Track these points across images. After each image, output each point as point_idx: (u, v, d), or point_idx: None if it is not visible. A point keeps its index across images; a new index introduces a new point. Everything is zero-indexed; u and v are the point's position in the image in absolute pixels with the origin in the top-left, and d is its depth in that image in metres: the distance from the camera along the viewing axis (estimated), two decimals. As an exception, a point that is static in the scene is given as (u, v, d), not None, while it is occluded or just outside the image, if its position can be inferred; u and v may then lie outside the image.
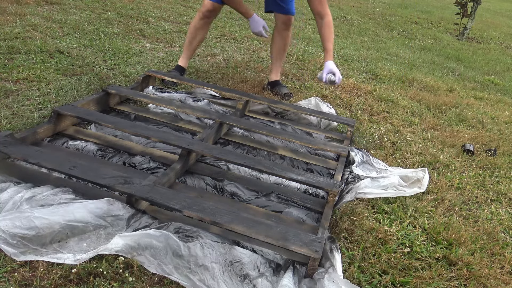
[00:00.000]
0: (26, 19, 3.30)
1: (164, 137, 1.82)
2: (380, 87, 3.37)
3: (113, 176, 1.46)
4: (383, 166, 2.08)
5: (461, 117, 3.07)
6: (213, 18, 2.73)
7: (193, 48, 2.81)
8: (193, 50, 2.83)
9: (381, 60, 4.35)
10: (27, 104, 2.08)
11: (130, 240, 1.24)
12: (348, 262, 1.43)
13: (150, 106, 2.33)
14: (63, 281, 1.16)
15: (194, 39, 2.76)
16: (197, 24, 2.71)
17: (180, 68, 2.80)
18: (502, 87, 4.21)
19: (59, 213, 1.26)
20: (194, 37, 2.76)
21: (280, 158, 2.05)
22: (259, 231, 1.31)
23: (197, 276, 1.21)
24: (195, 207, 1.38)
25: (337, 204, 1.70)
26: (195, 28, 2.73)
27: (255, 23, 2.59)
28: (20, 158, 1.49)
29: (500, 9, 12.17)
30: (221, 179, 1.74)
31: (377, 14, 7.40)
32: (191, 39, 2.76)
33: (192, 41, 2.77)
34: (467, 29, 6.59)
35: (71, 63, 2.69)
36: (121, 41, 3.33)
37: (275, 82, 2.90)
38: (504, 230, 1.80)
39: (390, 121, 2.74)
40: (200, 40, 2.79)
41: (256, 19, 2.59)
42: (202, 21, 2.70)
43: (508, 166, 2.39)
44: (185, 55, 2.82)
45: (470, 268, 1.50)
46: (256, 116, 2.48)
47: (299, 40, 4.55)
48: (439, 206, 1.87)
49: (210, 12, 2.66)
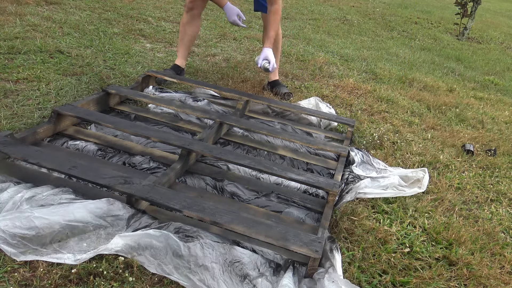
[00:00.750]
0: (26, 19, 3.30)
1: (164, 137, 1.82)
2: (380, 87, 3.37)
3: (113, 176, 1.46)
4: (383, 166, 2.08)
5: (461, 117, 3.07)
6: (199, 10, 2.67)
7: (186, 45, 2.75)
8: (186, 47, 2.77)
9: (381, 60, 4.35)
10: (27, 104, 2.08)
11: (130, 240, 1.24)
12: (348, 262, 1.43)
13: (150, 106, 2.33)
14: (63, 281, 1.16)
15: (185, 34, 2.71)
16: (184, 19, 2.67)
17: (177, 67, 2.76)
18: (502, 87, 4.21)
19: (59, 213, 1.26)
20: (184, 33, 2.71)
21: (280, 158, 2.05)
22: (259, 231, 1.31)
23: (197, 276, 1.21)
24: (195, 207, 1.38)
25: (337, 204, 1.70)
26: (183, 24, 2.69)
27: (229, 11, 2.57)
28: (20, 158, 1.49)
29: (500, 9, 12.17)
30: (221, 179, 1.74)
31: (377, 14, 7.40)
32: (182, 36, 2.73)
33: (183, 38, 2.72)
34: (467, 29, 6.59)
35: (71, 63, 2.69)
36: (121, 41, 3.33)
37: (275, 82, 2.90)
38: (504, 230, 1.80)
39: (390, 121, 2.74)
40: (192, 35, 2.73)
41: (230, 7, 2.57)
42: (188, 15, 2.65)
43: (508, 166, 2.39)
44: (180, 54, 2.78)
45: (470, 268, 1.50)
46: (256, 116, 2.48)
47: (299, 40, 4.55)
48: (439, 206, 1.87)
49: (193, 3, 2.62)
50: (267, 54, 2.46)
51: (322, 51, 4.27)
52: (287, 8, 6.36)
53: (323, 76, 3.43)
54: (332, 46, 4.53)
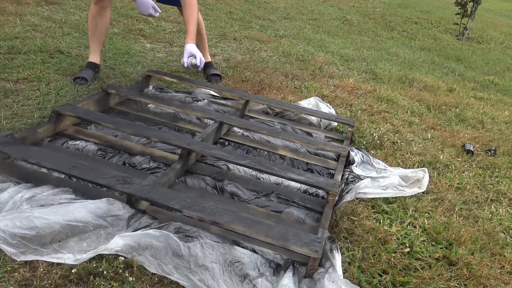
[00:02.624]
0: (26, 19, 3.30)
1: (164, 137, 1.82)
2: (380, 87, 3.37)
3: (113, 176, 1.46)
4: (383, 166, 2.08)
5: (461, 117, 3.07)
6: (108, 1, 2.46)
7: (98, 39, 2.53)
8: (100, 41, 2.55)
9: (381, 60, 4.35)
10: (27, 104, 2.08)
11: (130, 240, 1.24)
12: (348, 262, 1.43)
13: (150, 106, 2.33)
14: (63, 281, 1.16)
15: (96, 28, 2.48)
16: (93, 11, 2.45)
17: (92, 64, 2.53)
18: (502, 87, 4.21)
19: (59, 213, 1.26)
20: (95, 26, 2.48)
21: (280, 158, 2.05)
22: (259, 231, 1.31)
23: (197, 276, 1.21)
24: (195, 207, 1.38)
25: (337, 204, 1.70)
26: (92, 16, 2.46)
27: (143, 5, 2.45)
28: (20, 158, 1.49)
29: (500, 9, 12.17)
30: (221, 179, 1.74)
31: (377, 14, 7.39)
32: (93, 30, 2.49)
33: (95, 32, 2.49)
34: (467, 29, 6.59)
35: (71, 63, 2.69)
36: (121, 41, 3.33)
37: (207, 64, 2.98)
38: (504, 230, 1.80)
39: (390, 121, 2.74)
40: (104, 28, 2.52)
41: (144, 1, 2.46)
42: (97, 6, 2.44)
43: (508, 166, 2.39)
44: (93, 49, 2.54)
45: (470, 268, 1.50)
46: (256, 116, 2.48)
47: (299, 40, 4.55)
48: (439, 206, 1.87)
49: None
50: (190, 50, 2.34)
51: (322, 51, 4.27)
52: (287, 8, 6.36)
53: (323, 76, 3.42)
54: (332, 46, 4.53)
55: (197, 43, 2.94)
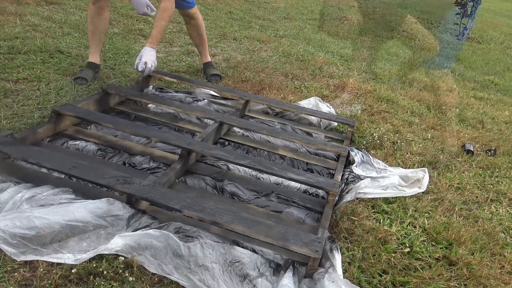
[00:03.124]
0: (26, 19, 3.30)
1: (164, 137, 1.82)
2: (380, 87, 3.37)
3: (113, 176, 1.46)
4: (383, 166, 2.08)
5: (461, 117, 3.07)
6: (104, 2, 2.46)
7: (97, 39, 2.54)
8: (99, 41, 2.55)
9: (381, 60, 4.35)
10: (27, 104, 2.08)
11: (130, 240, 1.24)
12: (348, 262, 1.43)
13: (150, 106, 2.32)
14: (63, 281, 1.16)
15: (96, 28, 2.49)
16: (91, 11, 2.46)
17: (92, 64, 2.54)
18: (502, 87, 4.21)
19: (59, 213, 1.26)
20: (95, 27, 2.48)
21: (280, 158, 2.05)
22: (259, 231, 1.31)
23: (197, 276, 1.21)
24: (195, 207, 1.38)
25: (337, 204, 1.70)
26: (91, 17, 2.47)
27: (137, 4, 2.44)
28: (20, 158, 1.49)
29: (500, 9, 12.17)
30: (221, 179, 1.74)
31: (377, 14, 7.39)
32: (93, 30, 2.49)
33: (94, 32, 2.50)
34: (467, 29, 6.59)
35: (71, 63, 2.69)
36: (121, 41, 3.33)
37: (206, 64, 3.02)
38: (504, 230, 1.80)
39: (390, 121, 2.74)
40: (104, 28, 2.52)
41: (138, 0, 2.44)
42: (95, 7, 2.44)
43: (508, 166, 2.38)
44: (92, 50, 2.55)
45: (470, 268, 1.50)
46: (256, 116, 2.48)
47: (299, 40, 4.55)
48: (439, 206, 1.87)
49: None
50: (141, 53, 2.31)
51: (322, 51, 4.27)
52: (287, 8, 6.36)
53: (323, 76, 3.42)
54: (332, 46, 4.53)
55: (198, 43, 2.98)
